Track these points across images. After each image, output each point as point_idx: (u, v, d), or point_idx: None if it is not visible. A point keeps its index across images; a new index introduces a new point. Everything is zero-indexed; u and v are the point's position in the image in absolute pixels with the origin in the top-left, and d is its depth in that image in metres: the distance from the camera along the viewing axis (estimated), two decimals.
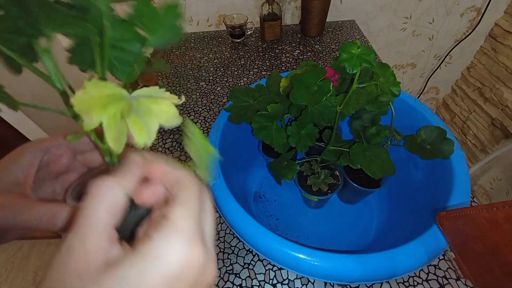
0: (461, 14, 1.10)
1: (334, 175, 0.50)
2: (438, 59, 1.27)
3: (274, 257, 0.32)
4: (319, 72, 0.35)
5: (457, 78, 1.34)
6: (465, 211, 0.28)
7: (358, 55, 0.31)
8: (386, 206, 0.55)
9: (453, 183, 0.36)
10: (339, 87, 0.42)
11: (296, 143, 0.42)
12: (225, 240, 0.50)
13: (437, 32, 1.16)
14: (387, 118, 0.43)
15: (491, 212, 0.25)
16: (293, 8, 1.04)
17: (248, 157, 0.59)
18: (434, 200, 0.39)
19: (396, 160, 0.40)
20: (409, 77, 1.35)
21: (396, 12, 1.08)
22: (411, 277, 0.44)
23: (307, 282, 0.45)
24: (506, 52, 1.06)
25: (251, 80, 0.82)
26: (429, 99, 1.47)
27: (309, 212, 0.57)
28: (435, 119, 0.44)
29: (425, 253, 0.31)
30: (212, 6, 1.01)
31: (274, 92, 0.46)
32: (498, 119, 1.11)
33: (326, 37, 0.97)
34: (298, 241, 0.32)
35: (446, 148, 0.38)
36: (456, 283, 0.43)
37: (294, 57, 0.89)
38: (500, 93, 1.08)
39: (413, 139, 0.41)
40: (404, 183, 0.50)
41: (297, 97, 0.35)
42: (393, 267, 0.30)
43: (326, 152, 0.45)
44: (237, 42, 0.97)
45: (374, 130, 0.42)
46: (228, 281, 0.45)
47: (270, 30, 0.93)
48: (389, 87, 0.37)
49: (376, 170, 0.38)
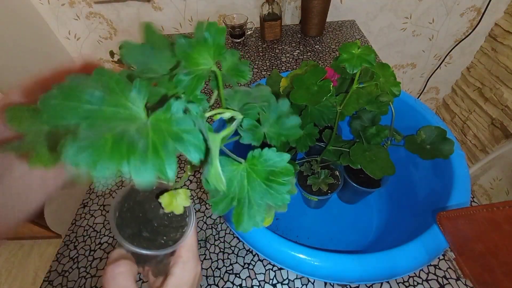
0: (461, 14, 1.10)
1: (334, 175, 0.50)
2: (438, 59, 1.27)
3: (274, 257, 0.32)
4: (319, 72, 0.35)
5: (457, 78, 1.34)
6: (465, 211, 0.28)
7: (358, 55, 0.31)
8: (386, 206, 0.55)
9: (453, 183, 0.36)
10: (339, 87, 0.42)
11: (296, 143, 0.42)
12: (225, 240, 0.50)
13: (437, 32, 1.16)
14: (387, 118, 0.43)
15: (491, 212, 0.25)
16: (293, 8, 1.04)
17: None
18: (434, 200, 0.39)
19: (396, 160, 0.40)
20: (409, 77, 1.35)
21: (396, 12, 1.08)
22: (411, 277, 0.44)
23: (307, 282, 0.45)
24: (506, 52, 1.06)
25: (251, 80, 0.82)
26: (429, 99, 1.47)
27: (309, 212, 0.57)
28: (435, 119, 0.43)
29: (425, 253, 0.31)
30: (212, 6, 1.01)
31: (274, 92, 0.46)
32: (498, 119, 1.11)
33: (326, 37, 0.97)
34: (298, 241, 0.32)
35: (446, 148, 0.38)
36: (456, 283, 0.43)
37: (294, 57, 0.89)
38: (500, 93, 1.08)
39: (413, 139, 0.41)
40: (404, 183, 0.50)
41: (297, 97, 0.35)
42: (393, 267, 0.30)
43: (326, 152, 0.45)
44: (237, 42, 0.97)
45: (374, 130, 0.42)
46: (228, 281, 0.45)
47: (270, 30, 0.93)
48: (389, 87, 0.37)
49: (376, 170, 0.38)
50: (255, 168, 0.18)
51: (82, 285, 0.46)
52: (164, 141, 0.13)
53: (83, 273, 0.47)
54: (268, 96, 0.21)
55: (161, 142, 0.13)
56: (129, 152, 0.12)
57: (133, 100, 0.14)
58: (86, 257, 0.49)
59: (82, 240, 0.51)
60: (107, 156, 0.12)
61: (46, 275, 0.47)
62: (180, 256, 0.25)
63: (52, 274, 0.47)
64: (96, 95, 0.13)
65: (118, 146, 0.12)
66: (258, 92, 0.21)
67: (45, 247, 1.32)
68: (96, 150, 0.11)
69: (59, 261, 0.49)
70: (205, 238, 0.50)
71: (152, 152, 0.12)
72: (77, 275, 0.47)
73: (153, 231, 0.24)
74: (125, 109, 0.14)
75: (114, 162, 0.12)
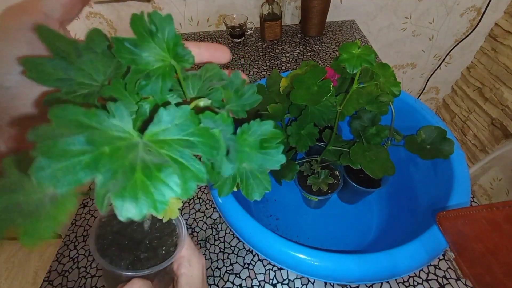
0: (461, 14, 1.10)
1: (334, 175, 0.50)
2: (438, 59, 1.27)
3: (274, 257, 0.32)
4: (319, 72, 0.35)
5: (457, 78, 1.34)
6: (465, 211, 0.28)
7: (358, 55, 0.31)
8: (386, 206, 0.55)
9: (453, 183, 0.36)
10: (339, 87, 0.42)
11: (296, 143, 0.42)
12: (225, 240, 0.50)
13: (437, 32, 1.16)
14: (387, 118, 0.43)
15: (491, 212, 0.25)
16: (293, 8, 1.04)
17: None
18: (434, 200, 0.39)
19: (396, 160, 0.40)
20: (409, 77, 1.35)
21: (396, 12, 1.07)
22: (411, 277, 0.44)
23: (307, 282, 0.45)
24: (506, 52, 1.06)
25: (251, 80, 0.82)
26: (429, 99, 1.47)
27: (309, 212, 0.57)
28: (435, 119, 0.43)
29: (425, 253, 0.31)
30: (212, 6, 1.01)
31: (274, 92, 0.46)
32: (498, 119, 1.11)
33: (326, 37, 0.97)
34: (298, 241, 0.32)
35: (446, 148, 0.38)
36: (456, 283, 0.43)
37: (294, 57, 0.89)
38: (500, 93, 1.08)
39: (413, 139, 0.41)
40: (404, 183, 0.50)
41: (297, 97, 0.35)
42: (393, 267, 0.30)
43: (326, 152, 0.45)
44: (237, 42, 0.97)
45: (374, 130, 0.42)
46: (228, 281, 0.45)
47: (270, 30, 0.93)
48: (389, 87, 0.37)
49: (376, 170, 0.38)
50: (246, 142, 0.18)
51: (82, 285, 0.46)
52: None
53: (83, 273, 0.47)
54: (220, 74, 0.20)
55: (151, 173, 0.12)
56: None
57: (116, 127, 0.12)
58: (86, 257, 0.49)
59: (82, 240, 0.51)
60: (124, 198, 0.11)
61: (46, 275, 0.47)
62: (182, 256, 0.25)
63: (52, 274, 0.47)
64: (81, 141, 0.11)
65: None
66: (208, 72, 0.20)
67: (45, 247, 1.32)
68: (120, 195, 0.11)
69: (59, 261, 0.49)
70: (205, 238, 0.50)
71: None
72: (77, 275, 0.47)
73: (149, 249, 0.23)
74: (118, 140, 0.12)
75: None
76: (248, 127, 0.18)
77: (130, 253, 0.23)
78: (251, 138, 0.18)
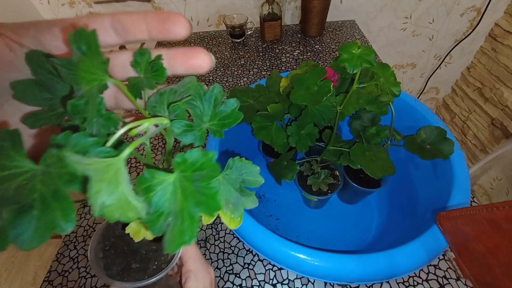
0: (461, 14, 1.10)
1: (334, 175, 0.50)
2: (438, 59, 1.27)
3: (274, 257, 0.32)
4: (319, 72, 0.35)
5: (457, 78, 1.34)
6: (465, 211, 0.28)
7: (358, 55, 0.31)
8: (386, 206, 0.55)
9: (453, 183, 0.36)
10: (339, 87, 0.42)
11: (296, 143, 0.42)
12: (225, 240, 0.50)
13: (437, 32, 1.16)
14: (387, 118, 0.43)
15: (491, 212, 0.25)
16: (293, 8, 1.04)
17: (248, 157, 0.59)
18: (434, 200, 0.39)
19: (396, 160, 0.40)
20: (409, 77, 1.35)
21: (396, 12, 1.08)
22: (411, 277, 0.44)
23: (307, 282, 0.45)
24: (506, 52, 1.06)
25: (251, 80, 0.82)
26: (429, 99, 1.47)
27: (309, 212, 0.57)
28: (435, 119, 0.43)
29: (425, 253, 0.31)
30: (212, 6, 1.01)
31: (274, 92, 0.46)
32: (498, 119, 1.11)
33: (326, 37, 0.97)
34: (298, 241, 0.32)
35: (446, 148, 0.38)
36: (456, 283, 0.43)
37: (294, 57, 0.89)
38: (500, 93, 1.08)
39: (413, 139, 0.41)
40: (404, 183, 0.50)
41: (297, 97, 0.35)
42: (393, 267, 0.30)
43: (326, 152, 0.45)
44: (237, 42, 0.97)
45: (374, 130, 0.42)
46: (228, 281, 0.45)
47: (270, 30, 0.93)
48: (389, 87, 0.37)
49: (376, 170, 0.38)
50: (186, 175, 0.14)
51: (82, 285, 0.46)
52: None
53: (83, 273, 0.47)
54: (196, 87, 0.18)
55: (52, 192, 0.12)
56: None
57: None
58: (86, 257, 0.49)
59: (82, 240, 0.51)
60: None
61: (46, 275, 0.47)
62: (189, 270, 0.25)
63: (52, 274, 0.47)
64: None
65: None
66: (183, 86, 0.18)
67: (45, 247, 1.32)
68: None
69: (59, 261, 0.49)
70: (205, 238, 0.50)
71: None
72: (77, 275, 0.47)
73: (142, 260, 0.23)
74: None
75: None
76: (184, 158, 0.14)
77: (124, 260, 0.23)
78: (190, 171, 0.14)
